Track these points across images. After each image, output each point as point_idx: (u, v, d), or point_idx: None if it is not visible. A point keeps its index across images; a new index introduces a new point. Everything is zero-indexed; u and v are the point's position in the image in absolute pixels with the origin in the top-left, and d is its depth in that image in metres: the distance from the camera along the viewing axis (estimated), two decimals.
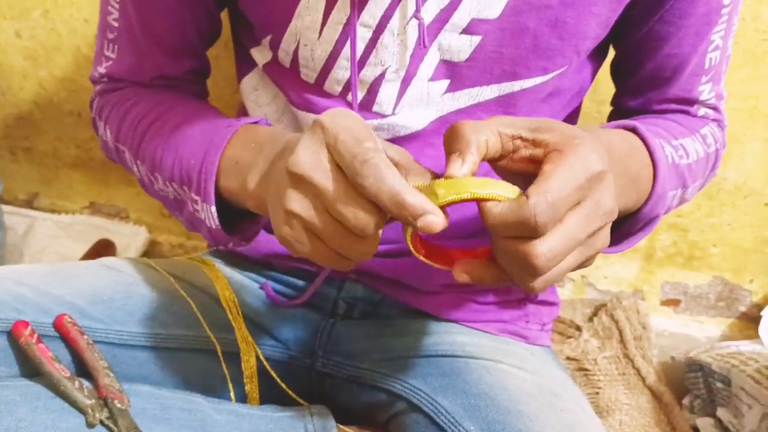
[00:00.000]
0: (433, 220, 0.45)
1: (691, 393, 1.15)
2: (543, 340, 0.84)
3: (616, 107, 0.82)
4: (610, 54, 0.80)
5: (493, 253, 0.50)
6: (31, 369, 0.63)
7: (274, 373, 0.76)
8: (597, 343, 1.17)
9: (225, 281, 0.80)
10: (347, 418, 0.75)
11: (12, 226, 1.33)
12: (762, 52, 1.06)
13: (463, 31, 0.66)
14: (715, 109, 0.78)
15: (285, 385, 0.76)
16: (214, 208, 0.62)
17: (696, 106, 0.76)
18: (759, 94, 1.09)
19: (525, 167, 0.50)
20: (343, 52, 0.68)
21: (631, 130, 0.63)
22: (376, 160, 0.46)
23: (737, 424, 1.04)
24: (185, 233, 1.37)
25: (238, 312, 0.78)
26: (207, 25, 0.77)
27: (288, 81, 0.74)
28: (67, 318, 0.67)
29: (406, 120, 0.71)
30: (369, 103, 0.71)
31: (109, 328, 0.71)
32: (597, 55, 0.76)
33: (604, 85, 0.86)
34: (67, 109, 1.29)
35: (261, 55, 0.76)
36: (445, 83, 0.69)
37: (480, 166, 0.49)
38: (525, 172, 0.50)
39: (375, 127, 0.71)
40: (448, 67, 0.68)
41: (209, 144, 0.63)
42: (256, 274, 0.84)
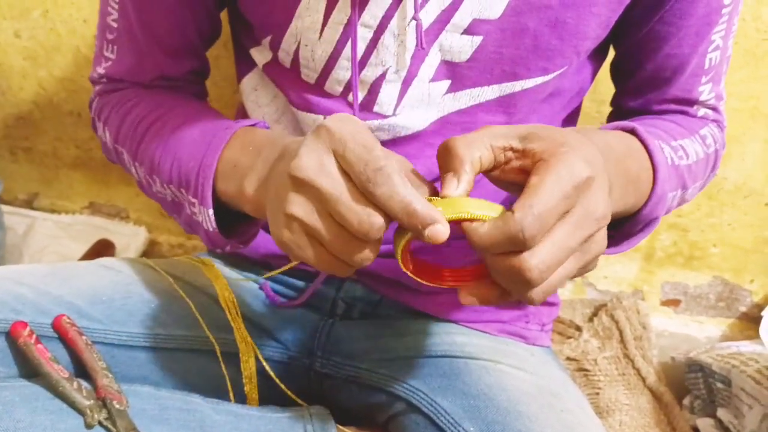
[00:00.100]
0: (440, 230, 0.46)
1: (691, 393, 1.15)
2: (543, 341, 0.84)
3: (616, 107, 0.82)
4: (609, 54, 0.80)
5: (484, 271, 0.51)
6: (29, 370, 0.63)
7: (273, 373, 0.76)
8: (597, 344, 1.17)
9: (224, 281, 0.80)
10: (346, 419, 0.74)
11: (12, 226, 1.33)
12: (762, 52, 1.06)
13: (464, 32, 0.66)
14: (714, 109, 0.77)
15: (284, 386, 0.76)
16: (211, 211, 0.62)
17: (696, 107, 0.76)
18: (759, 95, 1.09)
19: (517, 177, 0.50)
20: (344, 52, 0.68)
21: (630, 131, 0.63)
22: (389, 168, 0.46)
23: (738, 424, 1.03)
24: (185, 233, 1.37)
25: (237, 312, 0.78)
26: (207, 25, 0.77)
27: (288, 81, 0.74)
28: (66, 318, 0.67)
29: (407, 120, 0.71)
30: (370, 104, 0.70)
31: (108, 329, 0.71)
32: (597, 56, 0.76)
33: (604, 86, 0.85)
34: (66, 109, 1.29)
35: (261, 55, 0.75)
36: (446, 84, 0.69)
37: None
38: (517, 182, 0.50)
39: (376, 127, 0.71)
40: (449, 68, 0.68)
41: (207, 147, 0.63)
42: (255, 274, 0.84)
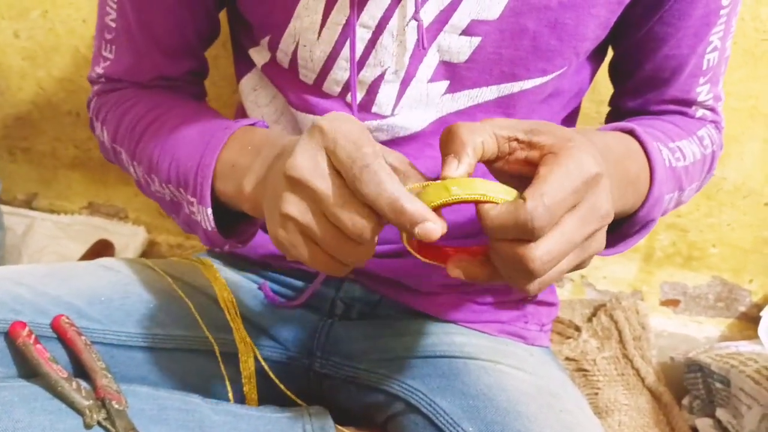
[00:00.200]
0: (431, 227, 0.45)
1: (690, 393, 1.15)
2: (542, 341, 0.84)
3: (614, 108, 0.82)
4: (608, 55, 0.80)
5: (487, 253, 0.50)
6: (28, 370, 0.63)
7: (272, 373, 0.76)
8: (596, 344, 1.17)
9: (223, 282, 0.80)
10: (345, 419, 0.74)
11: (11, 227, 1.33)
12: (761, 52, 1.06)
13: (463, 32, 0.66)
14: (712, 110, 0.78)
15: (283, 386, 0.76)
16: (210, 211, 0.62)
17: (694, 108, 0.76)
18: (758, 94, 1.09)
19: (521, 169, 0.50)
20: (343, 52, 0.68)
21: (629, 132, 0.63)
22: (375, 166, 0.46)
23: (736, 424, 1.03)
24: (184, 233, 1.36)
25: (236, 312, 0.78)
26: (206, 25, 0.77)
27: (287, 82, 0.74)
28: (65, 319, 0.67)
29: (406, 121, 0.71)
30: (368, 104, 0.70)
31: (106, 329, 0.71)
32: (596, 56, 0.76)
33: (602, 86, 0.85)
34: (65, 109, 1.29)
35: (259, 55, 0.75)
36: (444, 84, 0.69)
37: (476, 168, 0.49)
38: (521, 173, 0.50)
39: (374, 128, 0.71)
40: (448, 68, 0.68)
41: (206, 146, 0.63)
42: (254, 274, 0.84)
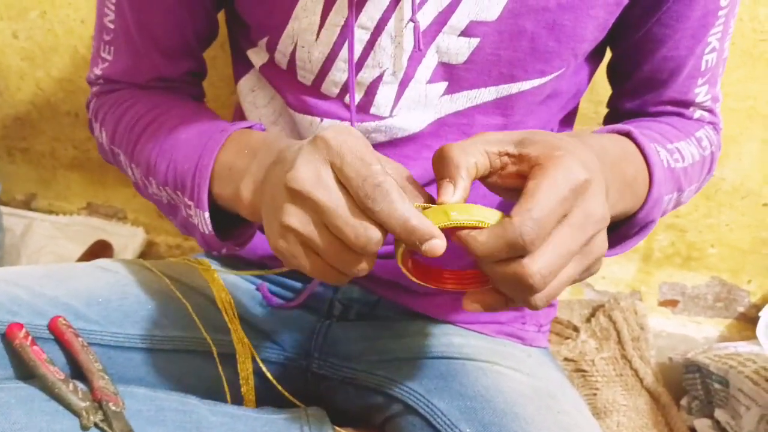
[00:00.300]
0: (438, 244, 0.46)
1: (688, 394, 1.15)
2: (540, 342, 0.84)
3: (613, 109, 0.82)
4: (607, 56, 0.79)
5: (483, 275, 0.51)
6: (25, 371, 0.63)
7: (270, 374, 0.76)
8: (595, 344, 1.17)
9: (221, 283, 0.80)
10: (343, 420, 0.74)
11: (10, 227, 1.33)
12: (759, 52, 1.06)
13: (462, 34, 0.66)
14: (710, 111, 0.77)
15: (281, 387, 0.76)
16: (207, 214, 0.62)
17: (692, 109, 0.76)
18: (756, 95, 1.09)
19: (514, 183, 0.50)
20: (341, 54, 0.68)
21: (626, 134, 0.63)
22: (387, 184, 0.46)
23: (735, 425, 1.03)
24: (182, 234, 1.36)
25: (234, 313, 0.77)
26: (204, 26, 0.77)
27: (285, 83, 0.74)
28: (62, 320, 0.66)
29: (404, 122, 0.71)
30: (366, 105, 0.70)
31: (104, 330, 0.70)
32: (594, 58, 0.76)
33: (601, 87, 0.85)
34: (64, 110, 1.29)
35: (257, 56, 0.75)
36: (443, 85, 0.69)
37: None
38: (515, 187, 0.50)
39: (372, 129, 0.71)
40: (446, 70, 0.68)
41: (203, 149, 0.63)
42: (252, 275, 0.84)
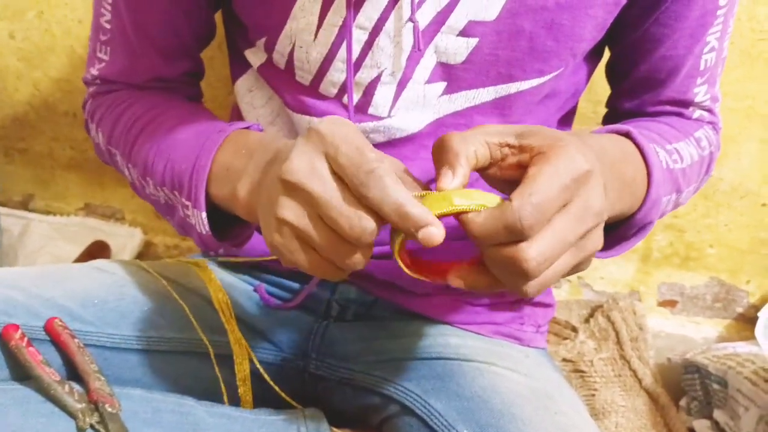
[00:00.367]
0: (435, 232, 0.46)
1: (687, 395, 1.15)
2: (538, 342, 0.84)
3: (611, 109, 0.82)
4: (605, 55, 0.79)
5: (483, 261, 0.50)
6: (21, 373, 0.63)
7: (267, 375, 0.76)
8: (593, 345, 1.17)
9: (218, 283, 0.80)
10: (340, 421, 0.74)
11: (7, 228, 1.33)
12: (758, 52, 1.05)
13: (460, 34, 0.65)
14: (710, 111, 0.77)
15: (278, 388, 0.75)
16: (204, 215, 0.62)
17: (691, 109, 0.76)
18: (755, 94, 1.09)
19: (514, 174, 0.50)
20: (339, 54, 0.68)
21: (625, 134, 0.63)
22: (380, 171, 0.46)
23: (734, 426, 1.03)
24: (180, 235, 1.36)
25: (231, 314, 0.77)
26: (201, 26, 0.77)
27: (283, 83, 0.73)
28: (58, 321, 0.66)
29: (402, 122, 0.71)
30: (364, 106, 0.70)
31: (100, 331, 0.70)
32: (593, 57, 0.76)
33: (599, 86, 0.85)
34: (62, 110, 1.29)
35: (255, 56, 0.75)
36: (441, 86, 0.69)
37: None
38: (515, 179, 0.50)
39: (371, 129, 0.71)
40: (445, 70, 0.68)
41: (200, 149, 0.63)
42: (249, 276, 0.83)
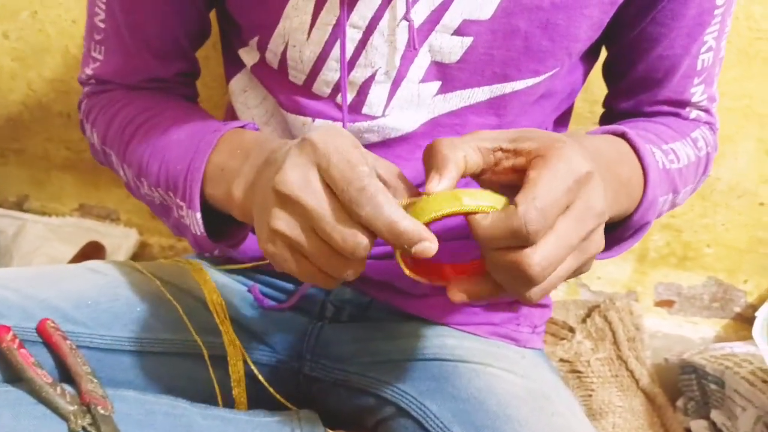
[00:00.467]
0: (428, 246, 0.46)
1: (684, 395, 1.14)
2: (534, 343, 0.84)
3: (608, 109, 0.82)
4: (602, 54, 0.79)
5: (484, 267, 0.50)
6: (12, 375, 0.62)
7: (261, 377, 0.75)
8: (590, 345, 1.17)
9: (212, 284, 0.79)
10: (335, 423, 0.74)
11: (2, 229, 1.33)
12: (755, 51, 1.05)
13: (455, 33, 0.65)
14: (707, 111, 0.77)
15: (273, 390, 0.75)
16: (199, 215, 0.62)
17: (688, 109, 0.76)
18: (752, 94, 1.09)
19: (509, 178, 0.50)
20: (333, 53, 0.68)
21: (621, 135, 0.63)
22: (372, 188, 0.46)
23: (731, 426, 1.03)
24: (175, 235, 1.36)
25: (225, 315, 0.77)
26: (196, 25, 0.77)
27: (276, 83, 0.73)
28: (50, 323, 0.66)
29: (397, 122, 0.70)
30: (358, 105, 0.70)
31: (93, 333, 0.70)
32: (589, 57, 0.76)
33: (596, 86, 0.85)
34: (56, 110, 1.28)
35: (249, 56, 0.75)
36: (436, 85, 0.69)
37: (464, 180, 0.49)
38: (510, 183, 0.50)
39: (365, 129, 0.71)
40: (439, 69, 0.68)
41: (195, 150, 0.63)
42: (243, 276, 0.83)
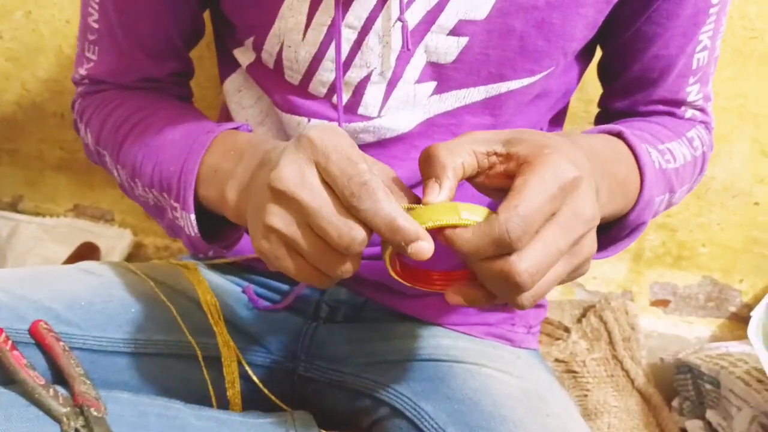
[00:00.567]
0: (424, 247, 0.46)
1: (680, 395, 1.14)
2: (529, 343, 0.84)
3: (603, 108, 0.82)
4: (597, 54, 0.79)
5: (471, 276, 0.50)
6: (5, 377, 0.62)
7: (256, 378, 0.75)
8: (585, 345, 1.17)
9: (206, 285, 0.79)
10: (330, 424, 0.74)
11: None
12: (749, 50, 1.05)
13: (450, 33, 0.65)
14: (702, 110, 0.77)
15: (267, 390, 0.75)
16: (193, 217, 0.61)
17: (683, 108, 0.76)
18: (746, 93, 1.09)
19: (502, 183, 0.50)
20: (328, 53, 0.67)
21: (617, 135, 0.63)
22: (373, 183, 0.46)
23: (726, 426, 1.03)
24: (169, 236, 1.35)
25: (219, 316, 0.77)
26: (190, 25, 0.77)
27: (272, 83, 0.73)
28: (43, 324, 0.66)
29: (392, 122, 0.70)
30: (354, 106, 0.70)
31: (86, 334, 0.69)
32: (584, 56, 0.76)
33: (591, 85, 0.85)
34: (50, 111, 1.28)
35: (244, 56, 0.75)
36: (431, 85, 0.69)
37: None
38: (502, 187, 0.50)
39: (360, 129, 0.70)
40: (435, 69, 0.68)
41: (189, 151, 0.62)
42: (237, 277, 0.83)
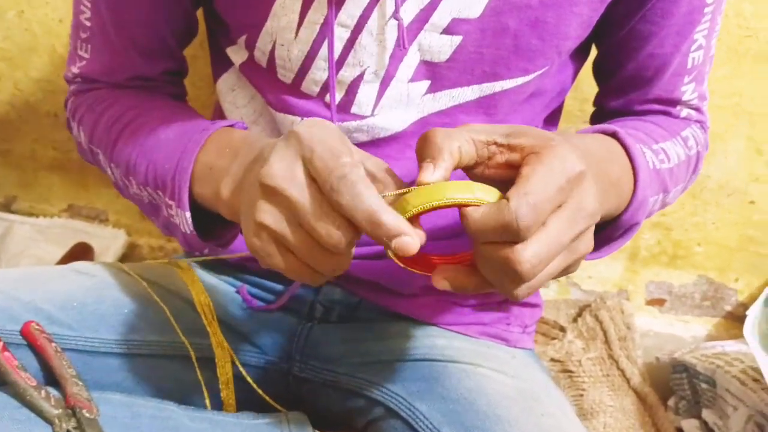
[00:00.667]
0: (408, 242, 0.45)
1: (676, 394, 1.14)
2: (525, 343, 0.83)
3: (598, 108, 0.82)
4: (592, 53, 0.79)
5: (472, 260, 0.49)
6: None
7: (250, 378, 0.75)
8: (581, 344, 1.17)
9: (200, 285, 0.79)
10: (325, 424, 0.74)
11: None
12: (744, 49, 1.05)
13: (444, 31, 0.65)
14: (697, 110, 0.77)
15: (261, 391, 0.75)
16: (188, 214, 0.61)
17: (678, 107, 0.76)
18: (741, 92, 1.09)
19: (502, 173, 0.50)
20: (321, 52, 0.67)
21: (611, 134, 0.63)
22: (353, 176, 0.45)
23: (722, 425, 1.03)
24: (165, 236, 1.35)
25: (213, 317, 0.76)
26: (182, 24, 0.77)
27: (265, 81, 0.73)
28: (35, 325, 0.65)
29: (386, 121, 0.70)
30: (347, 105, 0.70)
31: (79, 335, 0.69)
32: (579, 55, 0.75)
33: (586, 84, 0.85)
34: (44, 110, 1.28)
35: (237, 54, 0.75)
36: (425, 84, 0.68)
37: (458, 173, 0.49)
38: (502, 178, 0.49)
39: (354, 128, 0.70)
40: (429, 68, 0.68)
41: (183, 149, 0.62)
42: (231, 277, 0.83)
